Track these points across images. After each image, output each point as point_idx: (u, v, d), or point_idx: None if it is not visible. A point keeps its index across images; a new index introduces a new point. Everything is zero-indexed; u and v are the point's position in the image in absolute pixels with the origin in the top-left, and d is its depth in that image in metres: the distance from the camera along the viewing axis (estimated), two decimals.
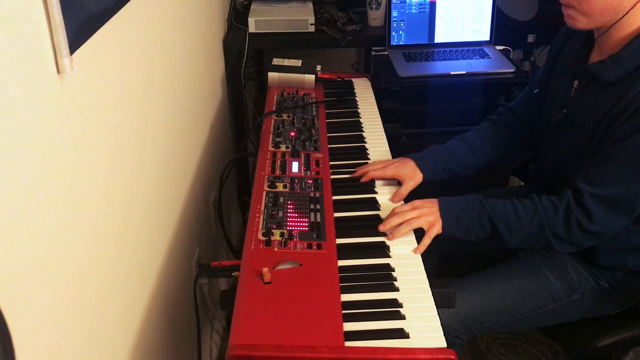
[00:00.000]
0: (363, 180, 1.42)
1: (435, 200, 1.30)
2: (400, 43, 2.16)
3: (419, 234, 1.25)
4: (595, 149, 1.25)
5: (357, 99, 1.85)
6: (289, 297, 1.02)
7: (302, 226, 1.20)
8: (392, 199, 1.37)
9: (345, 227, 1.24)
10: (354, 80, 1.98)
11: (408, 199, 1.35)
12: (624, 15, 1.19)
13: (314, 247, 1.14)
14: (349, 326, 0.98)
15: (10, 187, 0.66)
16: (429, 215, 1.26)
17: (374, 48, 2.23)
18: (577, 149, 1.31)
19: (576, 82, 1.34)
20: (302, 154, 1.45)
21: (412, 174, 1.44)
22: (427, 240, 1.23)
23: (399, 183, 1.43)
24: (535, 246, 1.31)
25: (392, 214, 1.27)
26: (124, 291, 1.06)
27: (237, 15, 2.29)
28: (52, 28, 0.73)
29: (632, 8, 1.18)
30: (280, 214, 1.23)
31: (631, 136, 1.17)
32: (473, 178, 1.58)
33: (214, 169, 1.88)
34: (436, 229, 1.26)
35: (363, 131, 1.66)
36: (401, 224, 1.24)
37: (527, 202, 1.28)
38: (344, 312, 1.00)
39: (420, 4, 2.11)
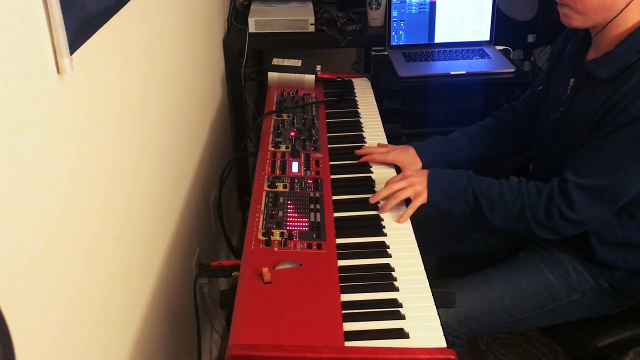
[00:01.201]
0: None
1: (425, 171, 1.36)
2: (400, 43, 2.16)
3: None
4: (586, 143, 1.27)
5: (357, 99, 1.85)
6: (289, 297, 1.02)
7: (302, 226, 1.20)
8: None
9: (345, 227, 1.24)
10: (354, 80, 1.98)
11: None
12: (618, 14, 1.21)
13: (314, 247, 1.14)
14: (349, 326, 0.98)
15: (10, 187, 0.66)
16: (416, 184, 1.32)
17: (374, 48, 2.23)
18: (573, 146, 1.32)
19: (572, 80, 1.35)
20: (302, 154, 1.45)
21: (412, 162, 1.51)
22: (410, 210, 1.29)
23: (397, 169, 1.48)
24: (516, 229, 1.33)
25: (385, 185, 1.34)
26: (124, 291, 1.06)
27: (237, 15, 2.29)
28: (52, 28, 0.73)
29: (626, 7, 1.20)
30: (280, 214, 1.23)
31: (619, 130, 1.19)
32: None
33: (214, 169, 1.88)
34: (421, 199, 1.32)
35: (363, 131, 1.66)
36: (390, 195, 1.30)
37: (514, 184, 1.31)
38: (344, 312, 1.00)
39: (420, 4, 2.11)
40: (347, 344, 0.94)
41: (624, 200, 1.25)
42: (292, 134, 1.55)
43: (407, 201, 1.32)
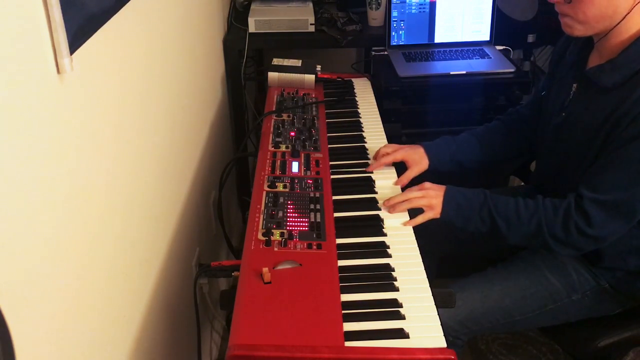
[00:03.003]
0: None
1: (443, 187, 1.35)
2: (400, 43, 2.16)
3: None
4: (596, 154, 1.26)
5: (357, 99, 1.85)
6: (289, 297, 1.02)
7: (302, 226, 1.20)
8: (396, 183, 1.43)
9: (345, 227, 1.24)
10: (354, 80, 1.98)
11: (413, 184, 1.40)
12: (621, 20, 1.19)
13: (314, 247, 1.14)
14: (349, 326, 0.98)
15: (10, 187, 0.66)
16: (432, 198, 1.32)
17: (374, 48, 2.23)
18: (575, 152, 1.31)
19: (575, 85, 1.35)
20: (302, 154, 1.45)
21: (418, 161, 1.51)
22: (419, 219, 1.29)
23: (397, 169, 1.48)
24: (533, 246, 1.32)
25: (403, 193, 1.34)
26: (124, 291, 1.06)
27: (237, 15, 2.29)
28: (52, 28, 0.73)
29: (629, 13, 1.18)
30: (280, 214, 1.23)
31: (630, 143, 1.18)
32: (473, 177, 1.59)
33: (214, 169, 1.88)
34: (433, 213, 1.32)
35: (363, 131, 1.66)
36: (404, 201, 1.31)
37: (529, 202, 1.29)
38: (344, 312, 1.00)
39: (420, 4, 2.11)
40: (347, 344, 0.94)
41: None
42: (292, 134, 1.55)
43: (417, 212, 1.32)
